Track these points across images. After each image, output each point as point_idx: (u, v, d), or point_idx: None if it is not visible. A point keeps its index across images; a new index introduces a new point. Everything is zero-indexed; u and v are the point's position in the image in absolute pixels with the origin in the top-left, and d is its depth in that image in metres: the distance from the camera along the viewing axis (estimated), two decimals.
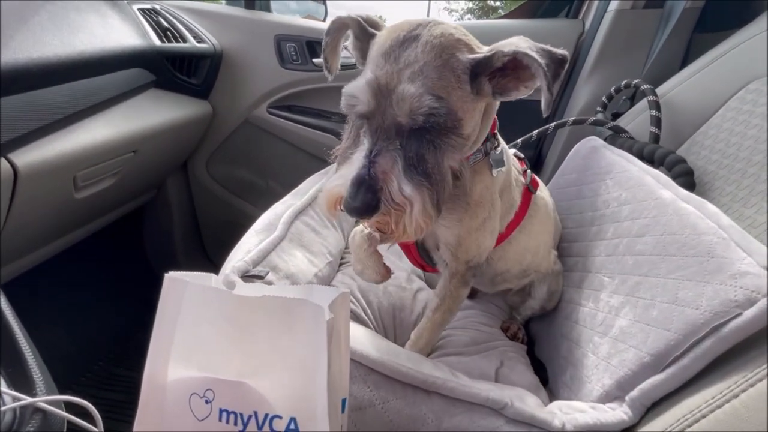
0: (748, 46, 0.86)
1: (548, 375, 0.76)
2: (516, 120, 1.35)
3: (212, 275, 0.45)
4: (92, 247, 1.25)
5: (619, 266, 0.66)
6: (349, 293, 0.37)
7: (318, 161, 1.41)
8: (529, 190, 0.72)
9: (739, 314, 0.43)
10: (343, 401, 0.35)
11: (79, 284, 1.31)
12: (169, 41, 1.18)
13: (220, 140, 1.47)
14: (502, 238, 0.70)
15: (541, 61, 0.45)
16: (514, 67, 0.48)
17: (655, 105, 0.87)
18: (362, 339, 0.51)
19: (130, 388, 1.27)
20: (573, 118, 1.01)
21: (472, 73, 0.47)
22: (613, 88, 0.98)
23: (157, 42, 1.13)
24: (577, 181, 0.90)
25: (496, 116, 0.59)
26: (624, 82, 0.94)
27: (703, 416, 0.40)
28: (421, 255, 0.71)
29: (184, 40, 1.22)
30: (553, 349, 0.77)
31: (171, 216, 1.49)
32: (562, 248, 0.87)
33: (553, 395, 0.69)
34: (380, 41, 0.49)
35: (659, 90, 1.02)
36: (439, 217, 0.48)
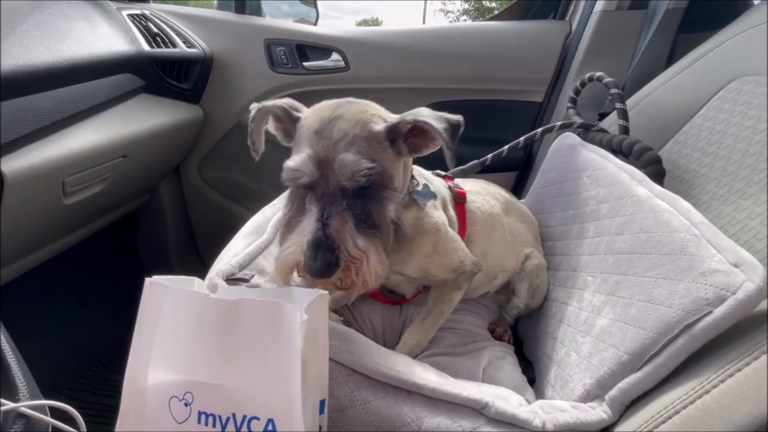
0: (729, 46, 0.87)
1: (535, 374, 0.77)
2: (509, 120, 1.37)
3: (195, 279, 0.45)
4: (86, 251, 1.25)
5: (600, 265, 0.66)
6: (327, 295, 0.37)
7: None
8: (458, 201, 0.77)
9: (710, 312, 0.44)
10: (322, 402, 0.36)
11: (73, 289, 1.31)
12: (159, 46, 1.18)
13: (212, 144, 1.48)
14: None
15: (438, 126, 0.53)
16: (420, 130, 0.57)
17: (619, 97, 0.89)
18: (345, 340, 0.52)
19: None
20: (560, 123, 1.02)
21: (390, 138, 0.55)
22: (578, 81, 0.99)
23: (146, 47, 1.13)
24: (557, 179, 0.91)
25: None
26: (587, 75, 0.95)
27: (677, 412, 0.41)
28: (386, 295, 0.78)
29: (174, 45, 1.23)
30: (539, 348, 0.77)
31: (164, 220, 1.49)
32: (548, 246, 0.88)
33: (539, 394, 0.70)
34: (309, 123, 0.56)
35: (644, 90, 1.03)
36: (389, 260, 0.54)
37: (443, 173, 0.83)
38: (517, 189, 1.39)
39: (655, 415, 0.43)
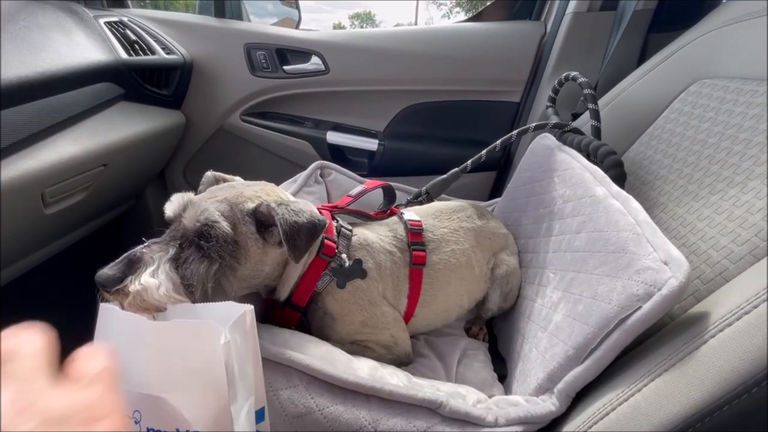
0: (691, 48, 0.89)
1: (506, 370, 0.80)
2: (487, 121, 1.39)
3: None
4: (72, 258, 1.26)
5: (561, 262, 0.69)
6: (252, 310, 0.39)
7: (293, 166, 1.43)
8: (415, 266, 0.73)
9: (639, 308, 0.46)
10: (260, 411, 0.38)
11: (59, 296, 1.33)
12: (137, 54, 1.19)
13: (195, 149, 1.49)
14: (410, 314, 0.75)
15: (278, 211, 0.54)
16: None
17: (592, 98, 0.90)
18: (303, 347, 0.54)
19: None
20: (535, 124, 1.04)
21: (258, 221, 0.57)
22: (556, 81, 1.01)
23: (124, 55, 1.14)
24: (531, 179, 0.93)
25: (330, 240, 0.67)
26: (564, 75, 0.97)
27: (613, 409, 0.44)
28: None
29: (153, 52, 1.23)
30: (510, 344, 0.80)
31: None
32: (521, 244, 0.90)
33: (507, 389, 0.73)
34: (215, 186, 0.62)
35: (615, 89, 1.05)
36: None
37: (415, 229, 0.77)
38: (497, 188, 1.41)
39: (596, 412, 0.46)
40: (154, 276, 0.50)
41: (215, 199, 0.56)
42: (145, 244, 0.53)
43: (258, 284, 0.62)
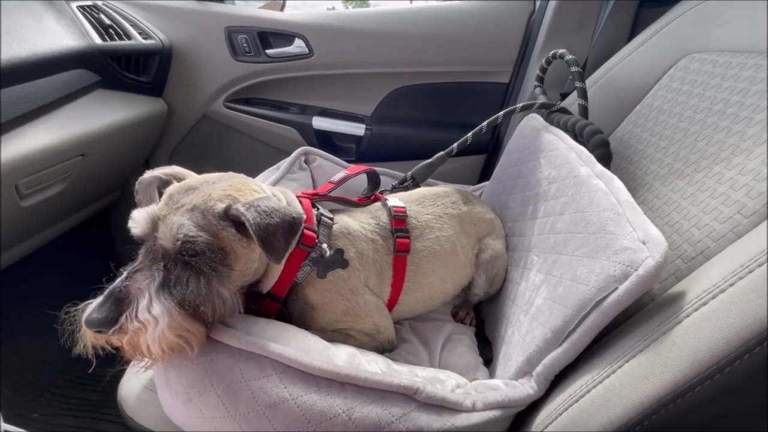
0: (680, 22, 0.86)
1: (492, 354, 0.79)
2: (476, 103, 1.36)
3: None
4: (61, 249, 1.25)
5: (545, 245, 0.68)
6: None
7: (279, 153, 1.41)
8: (399, 253, 0.72)
9: (616, 289, 0.45)
10: None
11: (50, 287, 1.32)
12: (112, 39, 1.15)
13: (180, 137, 1.46)
14: (394, 301, 0.73)
15: (248, 215, 0.50)
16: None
17: (579, 76, 0.88)
18: (279, 336, 0.53)
19: (106, 388, 1.30)
20: (521, 104, 1.01)
21: (234, 221, 0.53)
22: (544, 59, 0.98)
23: (98, 41, 1.10)
24: (518, 161, 0.91)
25: (310, 230, 0.64)
26: (551, 52, 0.94)
27: (588, 391, 0.43)
28: None
29: (129, 37, 1.19)
30: (496, 328, 0.80)
31: None
32: (508, 227, 0.89)
33: (492, 373, 0.73)
34: (171, 188, 0.55)
35: (604, 67, 1.02)
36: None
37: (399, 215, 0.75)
38: (486, 172, 1.39)
39: (572, 394, 0.45)
40: (149, 311, 0.47)
41: (183, 208, 0.51)
42: (124, 275, 0.49)
43: (248, 281, 0.60)
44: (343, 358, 0.54)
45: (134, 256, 0.53)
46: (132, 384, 0.62)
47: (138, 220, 0.52)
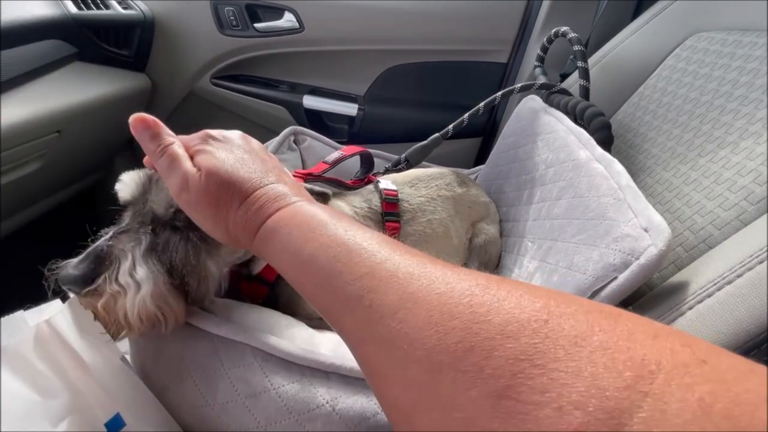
0: None
1: None
2: (473, 83, 1.31)
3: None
4: (44, 229, 1.21)
5: (540, 231, 0.65)
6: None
7: (268, 132, 1.35)
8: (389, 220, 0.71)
9: (615, 278, 0.43)
10: (114, 420, 0.36)
11: (34, 268, 1.28)
12: (89, 8, 1.08)
13: (166, 115, 1.40)
14: None
15: None
16: None
17: (581, 55, 0.84)
18: (262, 322, 0.51)
19: None
20: (520, 85, 0.97)
21: None
22: (546, 38, 0.94)
23: (73, 9, 1.03)
24: (515, 144, 0.88)
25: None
26: (554, 30, 0.90)
27: None
28: None
29: (107, 7, 1.12)
30: None
31: None
32: (503, 212, 0.87)
33: None
34: None
35: (607, 45, 0.98)
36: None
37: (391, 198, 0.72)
38: (482, 155, 1.36)
39: None
40: (131, 275, 0.43)
41: None
42: (108, 235, 0.45)
43: (237, 259, 0.57)
44: (328, 346, 0.51)
45: (117, 218, 0.49)
46: None
47: (128, 183, 0.47)
